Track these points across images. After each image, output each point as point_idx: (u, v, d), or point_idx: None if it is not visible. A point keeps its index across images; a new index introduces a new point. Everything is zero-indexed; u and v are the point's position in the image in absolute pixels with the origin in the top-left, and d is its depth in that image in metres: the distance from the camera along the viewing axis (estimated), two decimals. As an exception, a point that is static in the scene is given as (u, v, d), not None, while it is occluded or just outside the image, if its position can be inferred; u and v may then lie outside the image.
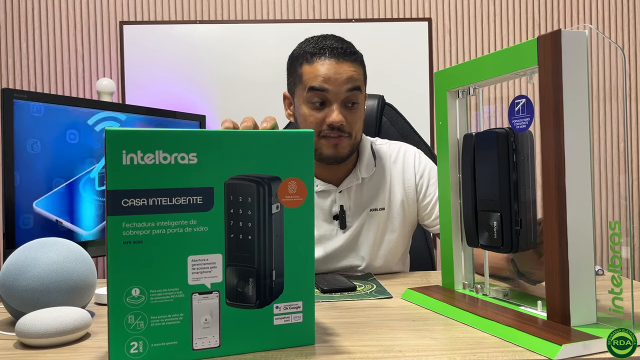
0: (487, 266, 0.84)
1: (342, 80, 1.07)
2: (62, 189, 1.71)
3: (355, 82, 1.09)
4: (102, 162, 1.83)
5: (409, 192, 1.21)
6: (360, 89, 1.11)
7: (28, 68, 2.32)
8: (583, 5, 2.43)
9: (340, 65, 1.08)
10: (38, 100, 1.65)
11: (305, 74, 1.10)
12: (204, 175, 0.60)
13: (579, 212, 0.65)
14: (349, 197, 1.18)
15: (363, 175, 1.18)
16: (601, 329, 0.64)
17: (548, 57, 0.66)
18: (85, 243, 1.76)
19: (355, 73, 1.09)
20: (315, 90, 1.08)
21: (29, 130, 1.61)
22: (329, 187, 1.17)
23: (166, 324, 0.59)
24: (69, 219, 1.73)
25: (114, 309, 0.58)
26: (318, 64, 1.08)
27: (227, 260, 0.62)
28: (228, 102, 2.33)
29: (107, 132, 0.55)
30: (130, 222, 0.58)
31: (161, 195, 0.58)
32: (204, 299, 0.61)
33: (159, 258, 0.59)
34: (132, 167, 0.57)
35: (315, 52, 1.10)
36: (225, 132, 0.62)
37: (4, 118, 1.55)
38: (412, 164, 1.22)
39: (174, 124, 2.09)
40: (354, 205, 1.18)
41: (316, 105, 1.09)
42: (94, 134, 1.81)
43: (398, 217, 1.20)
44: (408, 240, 1.26)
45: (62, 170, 1.72)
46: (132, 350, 0.59)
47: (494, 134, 0.76)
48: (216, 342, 0.61)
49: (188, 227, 0.60)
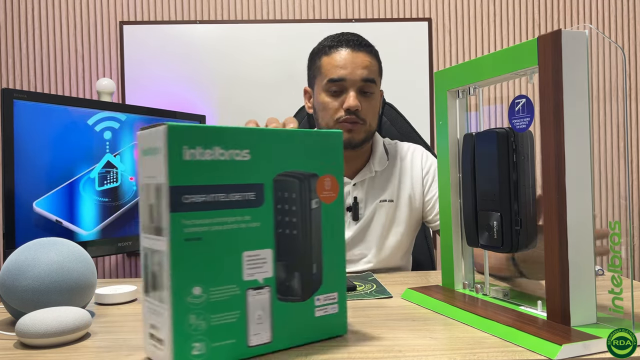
0: (487, 266, 0.84)
1: (358, 68, 1.14)
2: (62, 189, 1.71)
3: (370, 72, 1.16)
4: (102, 162, 1.83)
5: (416, 187, 1.26)
6: (375, 82, 1.18)
7: (28, 68, 2.32)
8: (583, 5, 2.43)
9: (357, 54, 1.16)
10: (38, 100, 1.65)
11: (324, 65, 1.17)
12: (256, 172, 0.61)
13: (579, 212, 0.65)
14: (362, 190, 1.24)
15: (376, 169, 1.24)
16: (601, 329, 0.64)
17: (548, 57, 0.66)
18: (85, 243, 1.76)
19: (370, 64, 1.17)
20: (333, 82, 1.15)
21: (29, 130, 1.61)
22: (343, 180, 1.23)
23: (224, 322, 0.59)
24: (69, 219, 1.73)
25: (178, 309, 0.56)
26: (336, 54, 1.16)
27: (277, 255, 0.63)
28: (228, 102, 2.33)
29: (170, 127, 0.55)
30: (191, 218, 0.57)
31: (219, 192, 0.59)
32: (257, 295, 0.62)
33: (217, 255, 0.59)
34: (192, 163, 0.57)
35: (334, 45, 1.18)
36: (275, 130, 0.64)
37: (4, 118, 1.55)
38: (420, 160, 1.28)
39: (174, 124, 2.09)
40: (366, 198, 1.24)
41: (333, 93, 1.16)
42: (94, 134, 1.81)
43: (405, 210, 1.25)
44: (413, 236, 1.30)
45: (62, 170, 1.72)
46: (195, 352, 0.57)
47: (494, 134, 0.76)
48: (268, 337, 0.62)
49: (243, 223, 0.61)
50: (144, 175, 0.60)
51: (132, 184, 1.97)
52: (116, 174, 1.91)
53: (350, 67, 1.14)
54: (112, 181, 1.89)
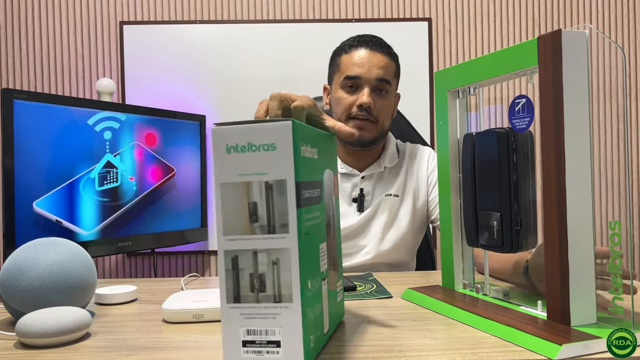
0: (487, 266, 0.84)
1: (375, 67, 1.18)
2: (62, 188, 1.72)
3: (386, 72, 1.19)
4: (102, 162, 1.83)
5: (421, 184, 1.29)
6: (390, 83, 1.21)
7: (28, 68, 2.32)
8: (583, 5, 2.43)
9: (374, 54, 1.19)
10: (38, 100, 1.65)
11: (342, 63, 1.22)
12: (319, 169, 0.65)
13: (579, 212, 0.65)
14: (370, 183, 1.27)
15: (386, 165, 1.28)
16: (601, 329, 0.64)
17: (548, 57, 0.66)
18: (85, 243, 1.76)
19: (387, 64, 1.20)
20: (349, 78, 1.19)
21: (29, 130, 1.62)
22: (352, 172, 1.28)
23: (317, 313, 0.61)
24: (69, 219, 1.73)
25: (305, 306, 0.56)
26: (354, 53, 1.21)
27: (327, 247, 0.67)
28: (228, 102, 2.33)
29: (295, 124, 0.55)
30: (306, 213, 0.59)
31: (314, 188, 0.62)
32: (324, 285, 0.65)
33: (315, 248, 0.61)
34: (304, 159, 0.59)
35: (353, 44, 1.22)
36: (324, 133, 0.69)
37: (4, 118, 1.55)
38: (427, 159, 1.31)
39: (174, 123, 2.09)
40: (373, 191, 1.27)
41: (348, 89, 1.20)
42: (94, 134, 1.81)
43: (409, 206, 1.27)
44: (417, 234, 1.32)
45: (62, 170, 1.72)
46: (311, 345, 0.58)
47: (494, 134, 0.76)
48: (327, 326, 0.65)
49: (318, 218, 0.63)
50: (237, 173, 0.56)
51: (132, 184, 1.97)
52: (116, 174, 1.91)
53: (367, 66, 1.18)
54: (112, 181, 1.89)
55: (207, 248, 2.35)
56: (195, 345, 0.67)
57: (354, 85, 1.20)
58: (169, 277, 2.38)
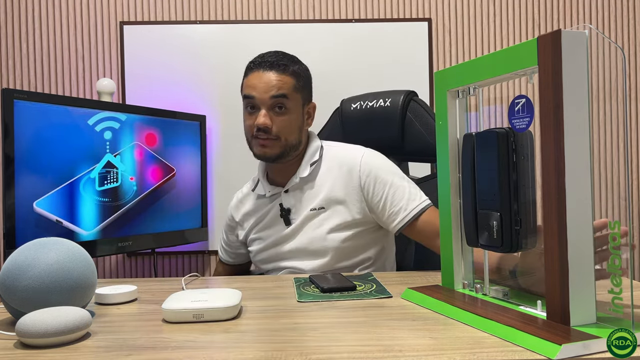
0: (487, 266, 0.84)
1: (265, 87, 1.21)
2: (62, 189, 1.72)
3: (279, 88, 1.22)
4: (102, 162, 1.83)
5: (351, 193, 1.25)
6: (287, 96, 1.23)
7: (28, 68, 2.32)
8: (583, 5, 2.43)
9: (266, 74, 1.23)
10: (38, 100, 1.65)
11: (243, 86, 1.27)
12: None
13: (579, 212, 0.65)
14: (294, 197, 1.29)
15: (301, 175, 1.28)
16: (601, 329, 0.64)
17: (548, 57, 0.66)
18: (86, 243, 1.76)
19: (280, 82, 1.22)
20: (246, 98, 1.24)
21: (29, 130, 1.62)
22: (276, 190, 1.30)
23: None
24: (69, 219, 1.73)
25: None
26: (250, 75, 1.25)
27: None
28: (228, 102, 2.33)
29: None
30: None
31: None
32: None
33: None
34: None
35: (250, 67, 1.27)
36: None
37: (4, 118, 1.55)
38: (358, 165, 1.26)
39: (174, 123, 2.09)
40: (297, 203, 1.28)
41: (249, 110, 1.25)
42: (94, 134, 1.81)
43: (337, 217, 1.25)
44: (363, 239, 1.27)
45: (62, 170, 1.72)
46: None
47: (494, 134, 0.76)
48: None
49: None
50: None
51: (133, 184, 1.97)
52: (116, 174, 1.91)
53: (259, 87, 1.22)
54: (112, 181, 1.89)
55: (207, 248, 2.35)
56: (195, 345, 0.67)
57: (254, 106, 1.23)
58: (169, 277, 2.38)
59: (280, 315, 0.81)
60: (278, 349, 0.64)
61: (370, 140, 1.38)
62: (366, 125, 1.50)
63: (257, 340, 0.69)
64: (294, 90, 1.24)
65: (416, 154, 1.49)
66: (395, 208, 1.22)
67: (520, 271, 0.86)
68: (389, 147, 1.41)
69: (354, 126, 1.54)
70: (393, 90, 1.52)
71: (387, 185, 1.23)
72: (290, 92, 1.23)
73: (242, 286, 1.02)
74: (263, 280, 1.12)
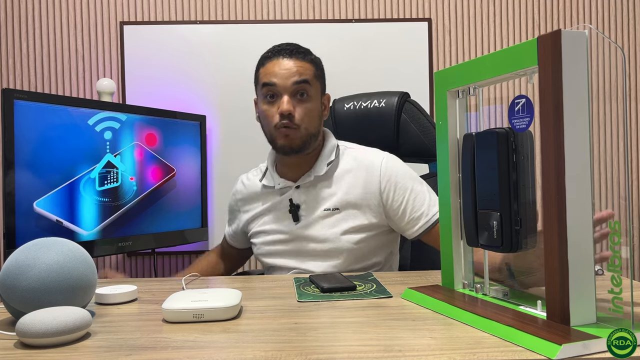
0: (487, 266, 0.84)
1: (288, 73, 1.19)
2: (62, 189, 1.72)
3: (301, 74, 1.20)
4: (102, 162, 1.83)
5: (370, 197, 1.24)
6: (309, 82, 1.21)
7: (28, 68, 2.32)
8: (583, 5, 2.43)
9: (287, 60, 1.21)
10: (38, 101, 1.65)
11: (260, 75, 1.24)
12: None
13: (579, 212, 0.65)
14: (306, 193, 1.25)
15: (316, 174, 1.25)
16: (601, 328, 0.64)
17: (548, 57, 0.66)
18: (85, 243, 1.76)
19: (301, 68, 1.20)
20: (266, 86, 1.20)
21: (29, 130, 1.62)
22: (287, 184, 1.27)
23: None
24: (69, 219, 1.73)
25: None
26: (269, 64, 1.23)
27: None
28: (228, 102, 2.33)
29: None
30: None
31: None
32: None
33: None
34: None
35: (268, 56, 1.24)
36: None
37: (4, 118, 1.55)
38: (378, 168, 1.25)
39: (174, 123, 2.09)
40: (309, 201, 1.25)
41: (269, 99, 1.21)
42: (94, 134, 1.81)
43: (353, 220, 1.23)
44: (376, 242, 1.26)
45: (62, 170, 1.72)
46: None
47: (494, 134, 0.76)
48: None
49: None
50: None
51: (133, 184, 1.97)
52: (116, 174, 1.91)
53: (280, 73, 1.19)
54: (112, 181, 1.89)
55: (207, 248, 2.35)
56: (195, 345, 0.67)
57: (274, 94, 1.20)
58: (169, 277, 2.38)
59: (280, 315, 0.81)
60: (278, 349, 0.64)
61: (364, 140, 1.39)
62: (360, 125, 1.50)
63: (257, 340, 0.69)
64: (314, 77, 1.23)
65: (412, 154, 1.51)
66: (416, 214, 1.21)
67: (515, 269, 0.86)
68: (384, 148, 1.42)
69: (347, 126, 1.55)
70: (386, 92, 1.54)
71: (407, 191, 1.23)
72: (311, 79, 1.22)
73: (242, 286, 1.02)
74: (263, 280, 1.12)
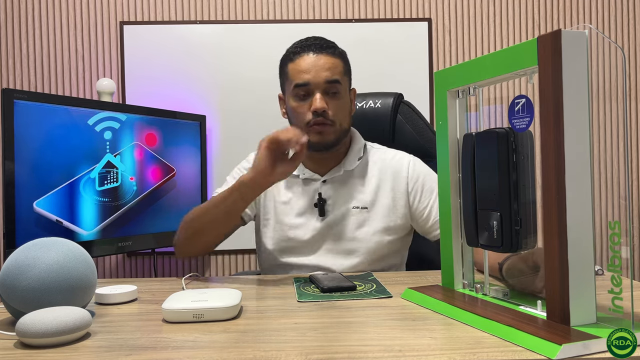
0: (486, 266, 0.84)
1: (321, 70, 1.17)
2: (62, 189, 1.72)
3: (333, 73, 1.18)
4: (102, 162, 1.83)
5: (398, 198, 1.24)
6: (340, 82, 1.19)
7: (28, 68, 2.32)
8: (583, 5, 2.43)
9: (319, 57, 1.19)
10: (38, 100, 1.65)
11: (290, 72, 1.21)
12: None
13: (579, 212, 0.65)
14: (332, 188, 1.24)
15: (346, 168, 1.24)
16: (601, 328, 0.64)
17: (548, 57, 0.66)
18: (85, 243, 1.76)
19: (332, 64, 1.19)
20: (299, 87, 1.18)
21: (29, 130, 1.62)
22: (313, 176, 1.25)
23: None
24: (69, 219, 1.73)
25: None
26: (299, 60, 1.20)
27: None
28: (228, 102, 2.33)
29: None
30: None
31: None
32: None
33: None
34: None
35: (297, 51, 1.21)
36: None
37: (4, 118, 1.55)
38: (406, 170, 1.26)
39: (174, 123, 2.09)
40: (335, 196, 1.24)
41: (301, 97, 1.19)
42: (94, 134, 1.81)
43: (382, 220, 1.23)
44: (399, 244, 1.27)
45: (62, 170, 1.72)
46: None
47: (494, 134, 0.76)
48: None
49: None
50: None
51: (133, 184, 1.97)
52: (116, 174, 1.91)
53: (313, 71, 1.17)
54: (112, 181, 1.89)
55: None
56: (195, 345, 0.67)
57: (305, 92, 1.18)
58: (169, 277, 2.37)
59: (280, 315, 0.81)
60: (278, 349, 0.64)
61: None
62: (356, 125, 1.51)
63: (257, 340, 0.69)
64: (344, 74, 1.22)
65: (407, 154, 1.51)
66: None
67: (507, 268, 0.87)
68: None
69: None
70: (380, 92, 1.55)
71: (433, 193, 1.23)
72: (341, 77, 1.21)
73: (242, 286, 1.02)
74: (263, 280, 1.12)
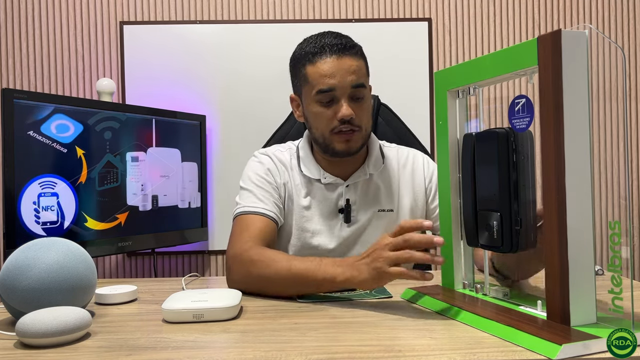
0: (487, 266, 0.84)
1: (346, 74, 1.09)
2: (62, 189, 1.71)
3: (359, 76, 1.10)
4: (102, 162, 1.83)
5: (418, 197, 1.23)
6: (365, 85, 1.12)
7: (28, 68, 2.32)
8: (583, 5, 2.43)
9: (342, 60, 1.09)
10: (38, 100, 1.65)
11: (310, 75, 1.11)
12: None
13: (579, 212, 0.65)
14: (356, 192, 1.19)
15: (371, 172, 1.20)
16: (601, 328, 0.64)
17: (548, 57, 0.66)
18: (85, 243, 1.76)
19: (356, 67, 1.10)
20: (323, 92, 1.09)
21: (29, 130, 1.61)
22: (336, 181, 1.19)
23: None
24: (69, 218, 1.73)
25: None
26: (320, 62, 1.10)
27: None
28: (228, 102, 2.33)
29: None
30: None
31: None
32: None
33: None
34: None
35: (316, 52, 1.11)
36: None
37: (4, 118, 1.55)
38: (422, 168, 1.25)
39: (174, 123, 2.09)
40: (360, 201, 1.19)
41: (325, 103, 1.11)
42: (94, 134, 1.81)
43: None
44: None
45: (62, 170, 1.72)
46: None
47: (494, 134, 0.76)
48: None
49: None
50: None
51: (132, 183, 1.96)
52: (116, 174, 1.91)
53: (338, 76, 1.08)
54: (112, 181, 1.89)
55: (207, 248, 2.35)
56: (195, 345, 0.67)
57: (329, 98, 1.10)
58: (169, 277, 2.37)
59: (280, 315, 0.81)
60: (278, 349, 0.64)
61: None
62: None
63: (257, 340, 0.69)
64: (366, 74, 1.15)
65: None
66: None
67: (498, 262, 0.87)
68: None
69: None
70: None
71: None
72: (365, 79, 1.14)
73: (242, 286, 1.02)
74: (263, 280, 1.11)
